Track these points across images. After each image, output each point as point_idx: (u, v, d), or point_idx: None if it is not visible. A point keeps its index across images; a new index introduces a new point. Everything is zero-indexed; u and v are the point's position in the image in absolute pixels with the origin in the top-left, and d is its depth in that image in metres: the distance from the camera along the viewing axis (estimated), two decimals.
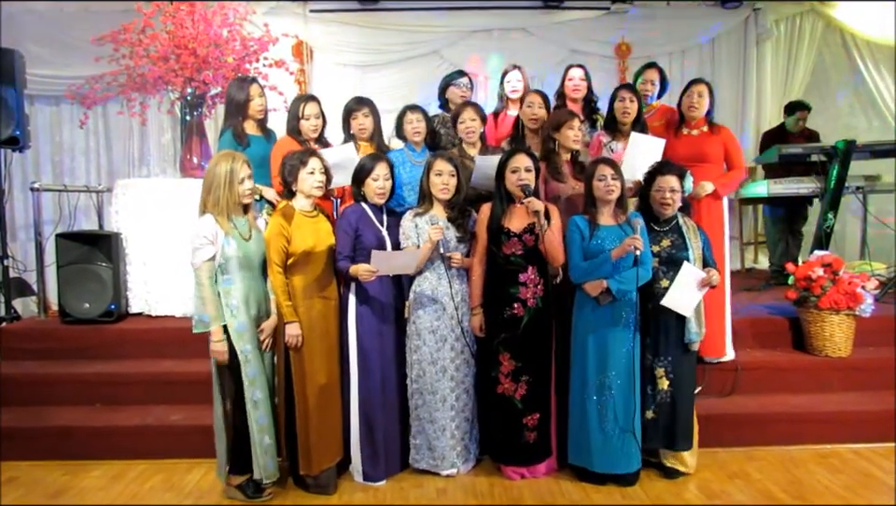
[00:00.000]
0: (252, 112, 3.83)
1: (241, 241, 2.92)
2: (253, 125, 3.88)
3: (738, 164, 3.88)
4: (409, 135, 3.70)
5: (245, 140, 3.77)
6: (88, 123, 5.24)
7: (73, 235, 4.47)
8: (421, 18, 6.55)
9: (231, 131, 3.78)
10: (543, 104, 3.79)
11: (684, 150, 3.78)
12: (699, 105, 3.77)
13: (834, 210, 5.01)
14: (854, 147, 4.92)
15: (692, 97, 3.79)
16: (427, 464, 3.26)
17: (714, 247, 3.67)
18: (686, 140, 3.83)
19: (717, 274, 3.10)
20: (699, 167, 3.74)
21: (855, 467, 3.32)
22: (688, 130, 3.85)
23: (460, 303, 3.20)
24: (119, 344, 4.14)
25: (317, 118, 3.73)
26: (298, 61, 6.40)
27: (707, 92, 3.78)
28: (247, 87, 3.81)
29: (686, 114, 3.84)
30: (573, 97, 4.10)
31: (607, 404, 3.07)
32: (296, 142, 3.67)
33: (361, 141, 3.74)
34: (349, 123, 3.76)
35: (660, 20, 6.66)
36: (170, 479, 3.30)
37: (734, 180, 3.90)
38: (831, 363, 3.89)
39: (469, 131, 3.62)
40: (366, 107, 3.74)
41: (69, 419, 3.62)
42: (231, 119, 3.82)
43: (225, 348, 2.89)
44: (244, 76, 4.13)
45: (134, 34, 4.46)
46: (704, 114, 3.81)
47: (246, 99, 3.79)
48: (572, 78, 4.11)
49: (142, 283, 4.45)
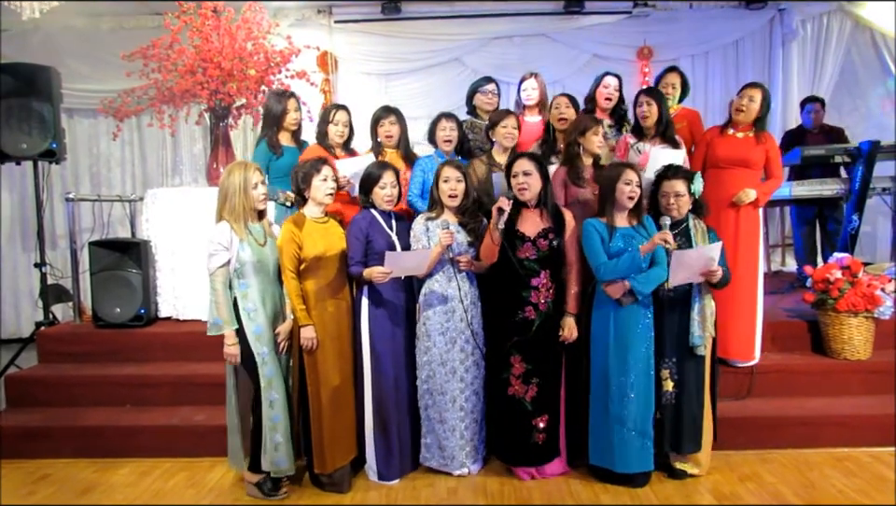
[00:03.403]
0: (287, 124, 3.99)
1: (256, 246, 3.04)
2: (287, 136, 4.03)
3: (778, 174, 3.83)
4: (439, 142, 3.77)
5: (279, 150, 3.92)
6: (123, 135, 5.46)
7: (105, 243, 4.65)
8: (442, 26, 6.66)
9: (266, 141, 3.93)
10: (570, 104, 3.85)
11: (726, 152, 3.76)
12: (748, 108, 3.73)
13: (860, 212, 4.92)
14: (879, 147, 4.83)
15: (742, 99, 3.75)
16: (437, 463, 3.33)
17: (748, 253, 3.73)
18: (729, 141, 3.79)
19: (720, 273, 3.08)
20: (740, 171, 3.74)
21: (870, 470, 3.28)
22: (733, 131, 3.81)
23: (469, 306, 3.26)
24: (148, 348, 4.31)
25: (345, 126, 3.84)
26: (323, 71, 6.55)
27: (759, 98, 3.73)
28: (285, 101, 3.97)
29: (734, 116, 3.80)
30: (604, 106, 4.08)
31: (628, 405, 3.10)
32: (323, 149, 3.79)
33: (388, 148, 3.84)
34: (376, 131, 3.85)
35: (682, 22, 6.64)
36: (193, 477, 3.44)
37: (772, 189, 3.86)
38: (849, 366, 3.84)
39: (509, 136, 3.65)
40: (393, 115, 3.82)
41: (100, 419, 3.80)
42: (268, 129, 3.97)
43: (237, 351, 3.01)
44: (282, 90, 4.27)
45: (163, 49, 4.64)
46: (752, 119, 3.76)
47: (283, 112, 3.95)
48: (608, 86, 4.08)
49: (170, 288, 4.62)
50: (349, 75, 6.78)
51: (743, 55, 6.73)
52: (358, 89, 6.69)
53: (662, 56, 6.48)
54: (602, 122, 3.60)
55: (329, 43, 6.62)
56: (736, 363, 3.78)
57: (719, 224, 3.56)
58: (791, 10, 6.52)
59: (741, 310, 3.72)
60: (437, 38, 6.71)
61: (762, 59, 6.70)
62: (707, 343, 3.16)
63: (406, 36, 6.69)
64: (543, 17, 6.63)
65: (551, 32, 6.69)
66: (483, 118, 4.15)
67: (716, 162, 3.76)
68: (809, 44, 6.64)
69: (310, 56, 5.82)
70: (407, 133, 3.89)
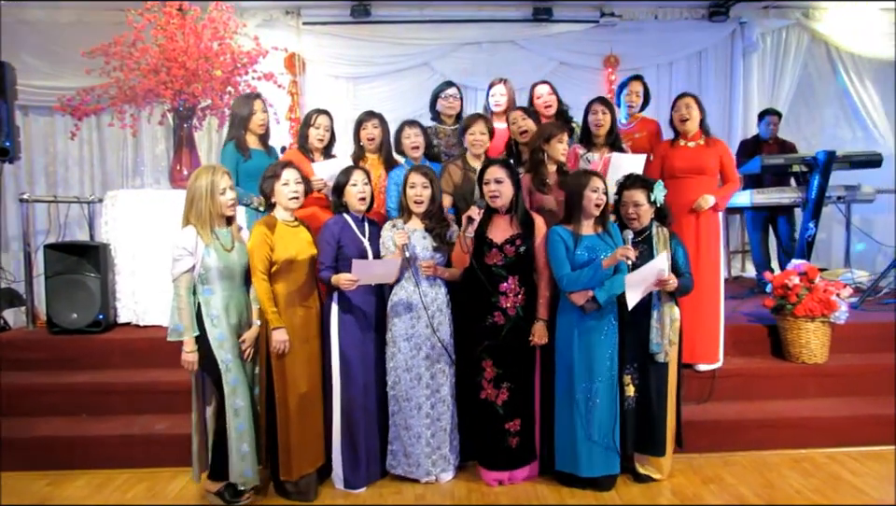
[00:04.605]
0: (253, 126, 3.91)
1: (222, 252, 2.98)
2: (255, 139, 3.96)
3: (733, 177, 3.92)
4: (407, 150, 3.77)
5: (247, 153, 3.86)
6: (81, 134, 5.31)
7: (61, 246, 4.52)
8: (412, 30, 6.64)
9: (233, 143, 3.86)
10: (527, 115, 3.85)
11: (681, 162, 3.84)
12: (690, 116, 3.82)
13: (816, 219, 5.08)
14: (834, 157, 4.99)
15: (680, 110, 3.85)
16: (402, 470, 3.31)
17: (709, 258, 3.80)
18: (683, 152, 3.87)
19: (675, 282, 3.10)
20: (697, 179, 3.81)
21: (827, 470, 3.38)
22: (684, 142, 3.89)
23: (435, 312, 3.25)
24: (107, 355, 4.18)
25: (327, 130, 3.83)
26: (290, 73, 6.49)
27: (694, 104, 3.83)
28: (252, 102, 3.91)
29: (679, 127, 3.88)
30: (546, 114, 4.13)
31: (593, 411, 3.12)
32: (302, 155, 3.77)
33: (369, 152, 3.83)
34: (359, 134, 3.84)
35: (648, 32, 6.74)
36: (153, 487, 3.34)
37: (730, 193, 3.96)
38: (806, 370, 3.95)
39: (477, 143, 3.64)
40: (375, 119, 3.83)
41: (55, 429, 3.67)
42: (234, 131, 3.90)
43: (195, 358, 2.95)
44: (250, 92, 4.21)
45: (125, 46, 4.53)
46: (697, 126, 3.85)
47: (250, 113, 3.87)
48: (540, 96, 4.15)
49: (130, 293, 4.51)
50: (317, 77, 6.71)
51: (706, 66, 6.87)
52: (326, 92, 6.62)
53: (628, 65, 6.57)
54: (566, 129, 3.62)
55: (297, 45, 6.54)
56: (700, 367, 3.84)
57: (681, 231, 3.62)
58: (752, 24, 6.69)
59: (704, 314, 3.79)
60: (406, 43, 6.69)
61: (724, 70, 6.86)
62: (666, 349, 3.18)
63: (375, 40, 6.66)
64: (512, 24, 6.67)
65: (519, 39, 6.73)
66: (447, 122, 4.16)
67: (673, 173, 3.83)
68: (769, 56, 6.82)
69: (277, 58, 5.77)
70: (389, 138, 3.88)
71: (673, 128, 3.95)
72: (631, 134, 4.28)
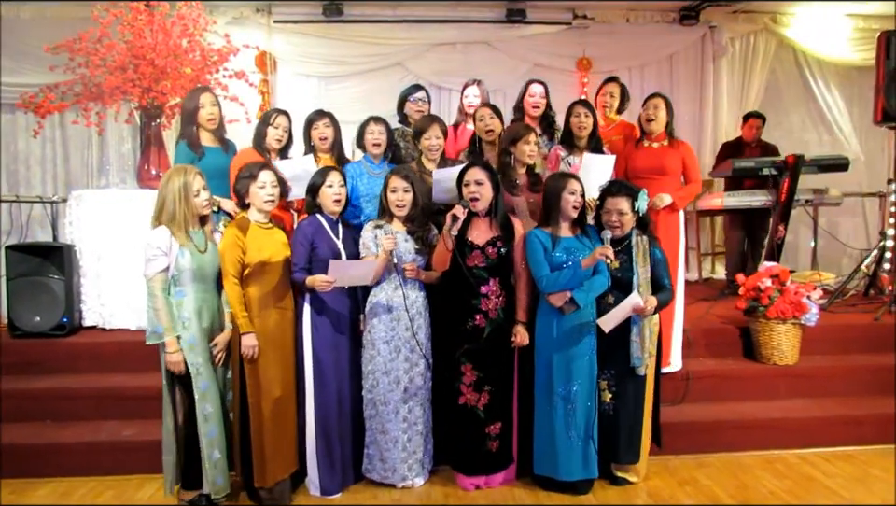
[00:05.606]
0: (202, 121, 3.80)
1: (196, 253, 2.91)
2: (209, 136, 3.86)
3: (695, 178, 3.97)
4: (368, 146, 3.71)
5: (199, 150, 3.75)
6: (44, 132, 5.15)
7: (23, 247, 4.37)
8: (385, 30, 6.58)
9: (185, 141, 3.76)
10: (494, 115, 3.79)
11: (644, 162, 3.87)
12: (656, 117, 3.87)
13: (785, 222, 5.17)
14: (803, 161, 5.09)
15: (648, 110, 3.90)
16: (378, 475, 3.27)
17: (670, 259, 3.77)
18: (646, 152, 3.91)
19: (653, 305, 3.08)
20: (658, 179, 3.83)
21: (798, 471, 3.44)
22: (648, 142, 3.94)
23: (415, 315, 3.21)
24: (71, 359, 4.06)
25: (285, 131, 3.76)
26: (261, 71, 6.38)
27: (663, 106, 3.88)
28: (197, 96, 3.80)
29: (645, 127, 3.93)
30: (533, 114, 4.12)
31: (571, 414, 3.11)
32: (257, 154, 3.67)
33: (321, 152, 3.76)
34: (310, 134, 3.78)
35: (620, 35, 6.79)
36: (121, 495, 3.25)
37: (690, 193, 4.01)
38: (778, 371, 4.01)
39: (432, 147, 3.60)
40: (327, 118, 3.77)
41: (16, 436, 3.53)
42: (185, 128, 3.80)
43: (181, 359, 2.87)
44: (199, 86, 4.10)
45: (91, 43, 4.40)
46: (663, 127, 3.90)
47: (196, 108, 3.77)
48: (533, 95, 4.12)
49: (96, 296, 4.37)
50: (288, 76, 6.63)
51: (677, 69, 6.95)
52: (298, 91, 6.54)
53: (601, 67, 6.61)
54: (534, 131, 3.61)
55: (268, 43, 6.45)
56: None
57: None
58: (721, 28, 6.79)
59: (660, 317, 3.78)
60: (379, 42, 6.63)
61: (695, 73, 6.94)
62: (646, 362, 3.16)
63: (347, 39, 6.58)
64: (486, 25, 6.66)
65: (493, 40, 6.72)
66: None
67: (635, 174, 3.86)
68: (738, 60, 6.92)
69: (248, 56, 5.67)
70: (341, 137, 3.84)
71: (640, 128, 3.99)
72: (609, 137, 4.30)
